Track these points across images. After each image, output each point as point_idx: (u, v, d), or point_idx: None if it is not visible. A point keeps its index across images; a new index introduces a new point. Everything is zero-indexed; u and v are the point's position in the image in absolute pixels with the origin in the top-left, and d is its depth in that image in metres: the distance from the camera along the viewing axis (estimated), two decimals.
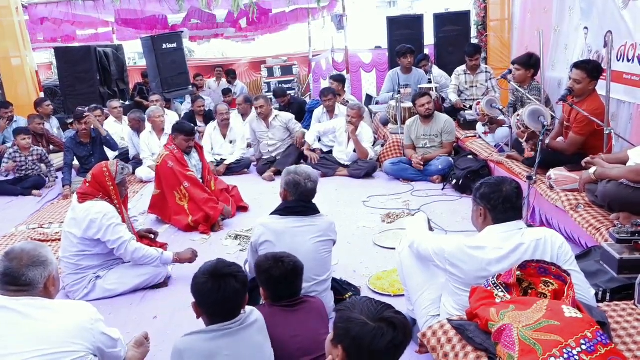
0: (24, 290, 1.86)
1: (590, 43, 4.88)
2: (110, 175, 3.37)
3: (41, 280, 1.89)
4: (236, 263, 2.13)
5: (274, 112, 6.49)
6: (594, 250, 2.92)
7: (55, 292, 1.99)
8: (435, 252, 2.31)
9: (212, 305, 2.01)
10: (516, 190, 2.26)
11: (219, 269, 2.03)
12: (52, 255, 1.97)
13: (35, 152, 6.14)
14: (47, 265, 1.92)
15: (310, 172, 2.88)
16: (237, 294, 2.01)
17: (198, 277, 2.03)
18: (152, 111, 6.46)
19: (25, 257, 1.88)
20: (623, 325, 2.15)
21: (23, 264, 1.86)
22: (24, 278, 1.86)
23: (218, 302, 1.99)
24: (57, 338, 1.79)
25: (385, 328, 1.49)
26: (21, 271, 1.85)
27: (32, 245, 1.95)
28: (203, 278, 2.01)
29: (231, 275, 2.01)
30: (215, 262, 2.09)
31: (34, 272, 1.87)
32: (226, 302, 2.00)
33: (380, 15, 15.03)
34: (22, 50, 8.22)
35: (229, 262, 2.12)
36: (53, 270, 1.95)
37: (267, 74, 10.87)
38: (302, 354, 2.21)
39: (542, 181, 3.93)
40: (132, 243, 3.35)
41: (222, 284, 1.97)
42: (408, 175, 5.64)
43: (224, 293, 1.97)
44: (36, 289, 1.88)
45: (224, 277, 1.99)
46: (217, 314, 2.02)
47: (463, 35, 8.08)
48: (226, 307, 2.01)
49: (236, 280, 2.00)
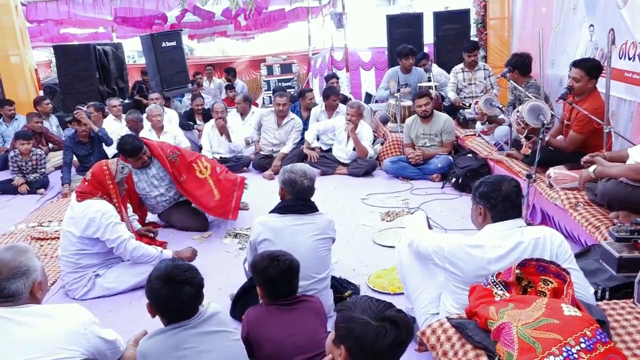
0: (9, 301, 1.81)
1: (596, 41, 4.87)
2: (110, 174, 3.38)
3: (25, 290, 1.83)
4: (192, 267, 2.08)
5: (290, 115, 6.53)
6: (594, 249, 2.92)
7: (42, 295, 1.93)
8: (434, 250, 2.31)
9: (167, 309, 2.00)
10: (516, 189, 2.25)
11: (174, 275, 1.97)
12: (34, 261, 1.89)
13: (35, 156, 6.12)
14: (30, 273, 1.85)
15: (306, 169, 2.88)
16: (192, 299, 1.98)
17: (152, 282, 1.99)
18: (151, 110, 6.45)
19: (4, 270, 1.81)
20: (622, 323, 2.14)
21: (3, 277, 1.80)
22: (6, 291, 1.80)
23: (173, 307, 1.97)
24: (49, 344, 1.76)
25: (388, 327, 1.49)
26: (2, 284, 1.80)
27: (10, 255, 1.86)
28: (158, 284, 1.96)
29: (186, 281, 1.96)
30: (171, 267, 2.02)
31: (16, 284, 1.81)
32: (182, 307, 1.98)
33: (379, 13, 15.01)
34: (21, 49, 8.21)
35: (185, 265, 2.07)
36: (37, 277, 1.88)
37: (267, 72, 10.86)
38: (299, 353, 2.22)
39: (542, 179, 3.93)
40: (131, 242, 3.35)
41: (176, 291, 1.94)
42: (407, 173, 5.65)
43: (179, 299, 1.94)
44: (21, 299, 1.83)
45: (179, 283, 1.95)
46: (173, 316, 2.00)
47: (463, 33, 8.07)
48: (181, 311, 1.99)
49: (191, 286, 1.96)
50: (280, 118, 6.46)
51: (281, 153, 6.35)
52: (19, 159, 6.00)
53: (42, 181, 6.07)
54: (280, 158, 6.28)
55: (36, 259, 1.93)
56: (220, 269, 3.70)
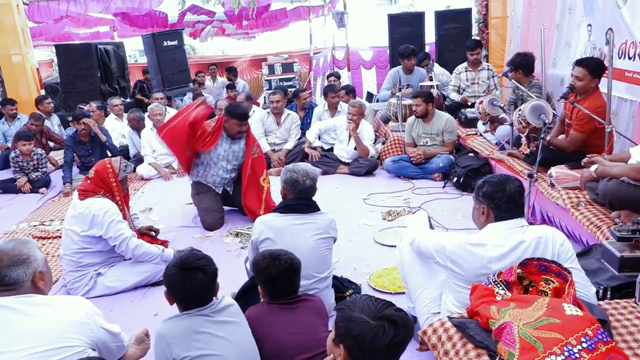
0: (11, 289, 1.83)
1: (594, 40, 4.86)
2: (113, 171, 3.40)
3: (26, 278, 1.85)
4: (207, 256, 2.17)
5: (286, 111, 6.55)
6: (595, 248, 2.92)
7: (46, 286, 1.95)
8: (435, 249, 2.31)
9: (181, 295, 2.09)
10: (519, 189, 2.25)
11: (188, 262, 2.08)
12: (35, 251, 1.93)
13: (36, 156, 6.12)
14: (30, 262, 1.88)
15: (308, 169, 2.88)
16: (205, 287, 2.08)
17: (169, 268, 2.10)
18: (152, 109, 6.51)
19: (4, 258, 1.84)
20: (624, 323, 2.14)
21: (4, 265, 1.83)
22: (7, 278, 1.82)
23: (186, 293, 2.06)
24: (53, 334, 1.77)
25: (386, 326, 1.49)
26: (2, 272, 1.82)
27: (12, 244, 1.91)
28: (173, 270, 2.07)
29: (199, 268, 2.06)
30: (187, 254, 2.15)
31: (16, 271, 1.84)
32: (194, 293, 2.06)
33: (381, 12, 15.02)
34: (22, 48, 8.23)
35: (201, 254, 2.17)
36: (38, 266, 1.90)
37: (268, 71, 10.86)
38: (300, 352, 2.21)
39: (543, 179, 3.93)
40: (133, 240, 3.36)
41: (189, 277, 2.03)
42: (409, 173, 5.64)
43: (191, 285, 2.03)
44: (23, 287, 1.85)
45: (192, 270, 2.05)
46: (188, 302, 2.09)
47: (464, 32, 8.07)
48: (195, 298, 2.08)
49: (204, 274, 2.06)
50: (277, 116, 6.49)
51: (285, 149, 6.41)
52: (20, 159, 6.01)
53: (44, 180, 6.07)
54: (285, 154, 6.37)
55: (38, 250, 1.95)
56: (222, 268, 3.67)
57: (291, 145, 6.48)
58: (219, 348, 2.03)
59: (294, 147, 6.47)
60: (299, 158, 6.17)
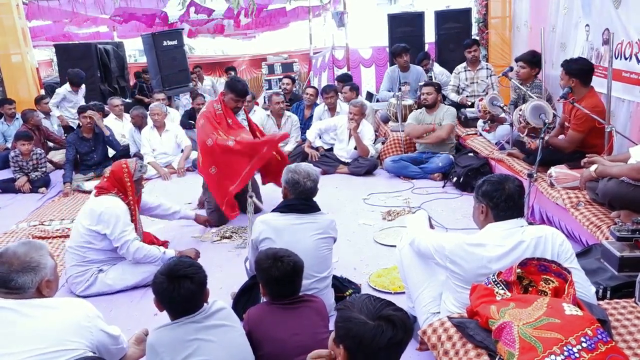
0: (15, 293, 1.83)
1: (592, 40, 4.87)
2: (129, 171, 3.49)
3: (32, 285, 1.85)
4: (196, 264, 2.14)
5: (286, 113, 6.57)
6: (595, 248, 2.92)
7: (50, 293, 1.94)
8: (435, 249, 2.31)
9: (170, 303, 2.07)
10: (519, 189, 2.25)
11: (176, 270, 2.05)
12: (46, 258, 1.91)
13: (35, 155, 6.12)
14: (39, 270, 1.87)
15: (310, 170, 2.88)
16: (193, 295, 2.05)
17: (157, 277, 2.07)
18: (151, 108, 6.54)
19: (15, 262, 1.84)
20: (623, 323, 2.15)
21: (13, 269, 1.83)
22: (13, 283, 1.82)
23: (175, 301, 2.04)
24: (54, 336, 1.77)
25: (385, 326, 1.48)
26: (10, 276, 1.82)
27: (25, 248, 1.89)
28: (160, 278, 2.05)
29: (187, 277, 2.03)
30: (175, 261, 2.12)
31: (23, 277, 1.83)
32: (183, 301, 2.04)
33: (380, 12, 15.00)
34: (22, 47, 8.21)
35: (189, 262, 2.14)
36: (46, 275, 1.89)
37: (268, 71, 10.87)
38: (301, 353, 2.21)
39: (543, 179, 3.93)
40: (135, 243, 3.37)
41: (176, 286, 2.01)
42: (408, 172, 5.65)
43: (179, 294, 2.01)
44: (27, 293, 1.84)
45: (180, 278, 2.02)
46: (177, 310, 2.07)
47: (464, 32, 8.06)
48: (184, 306, 2.05)
49: (192, 282, 2.03)
50: (278, 118, 6.49)
51: (285, 151, 6.40)
52: (19, 159, 6.01)
53: (44, 180, 6.07)
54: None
55: (49, 257, 1.95)
56: (222, 267, 3.70)
57: (291, 147, 6.46)
58: (207, 352, 2.01)
59: (294, 148, 6.46)
60: (299, 159, 6.17)
